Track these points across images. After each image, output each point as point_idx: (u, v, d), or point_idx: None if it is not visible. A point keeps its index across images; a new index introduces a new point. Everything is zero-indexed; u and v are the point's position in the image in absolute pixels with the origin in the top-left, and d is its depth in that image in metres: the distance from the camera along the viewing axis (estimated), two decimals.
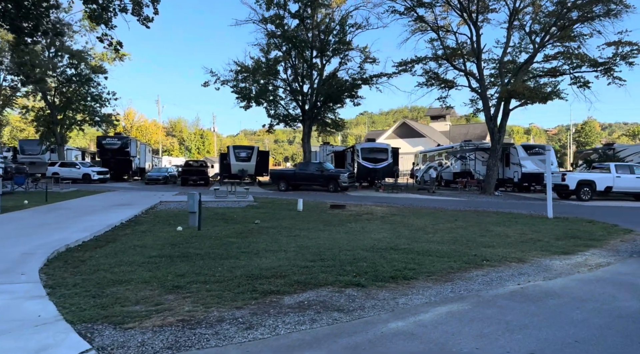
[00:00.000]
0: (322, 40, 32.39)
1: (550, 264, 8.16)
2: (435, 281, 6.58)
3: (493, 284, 6.58)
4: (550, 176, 16.34)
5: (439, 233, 11.63)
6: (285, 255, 8.07)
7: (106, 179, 36.82)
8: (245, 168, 35.10)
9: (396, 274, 6.73)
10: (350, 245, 9.25)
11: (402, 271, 6.99)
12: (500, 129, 28.36)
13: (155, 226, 12.13)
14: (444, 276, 6.89)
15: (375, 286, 6.16)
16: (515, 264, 8.03)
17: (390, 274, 6.74)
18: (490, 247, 9.62)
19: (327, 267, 7.10)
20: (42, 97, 40.24)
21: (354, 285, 6.12)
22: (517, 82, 25.70)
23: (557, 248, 9.66)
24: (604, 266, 8.18)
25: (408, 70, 29.32)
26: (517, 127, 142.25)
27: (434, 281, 6.62)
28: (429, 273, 7.03)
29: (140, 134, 69.31)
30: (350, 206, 18.83)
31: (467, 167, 34.62)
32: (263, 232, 11.15)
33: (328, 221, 13.83)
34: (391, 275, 6.67)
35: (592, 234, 11.98)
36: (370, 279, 6.46)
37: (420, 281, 6.55)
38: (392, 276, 6.62)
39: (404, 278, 6.59)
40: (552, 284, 6.63)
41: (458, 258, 8.18)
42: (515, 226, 13.32)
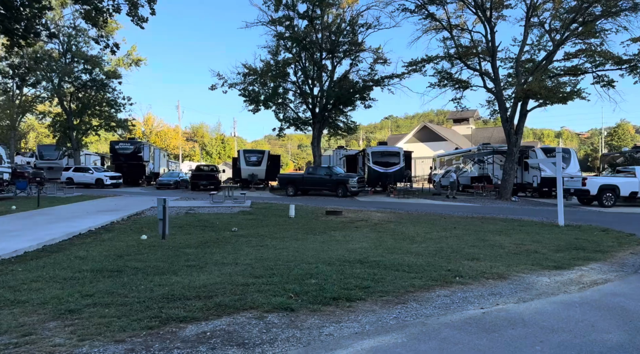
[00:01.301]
0: (332, 41, 31.50)
1: (534, 281, 7.07)
2: (384, 304, 5.61)
3: (451, 307, 5.57)
4: (561, 180, 15.05)
5: (426, 243, 10.59)
6: (232, 269, 7.19)
7: (119, 184, 36.62)
8: (256, 172, 34.43)
9: (342, 295, 5.77)
10: (316, 257, 8.32)
11: (352, 290, 6.03)
12: (517, 131, 26.94)
13: (122, 234, 11.43)
14: (398, 297, 5.91)
15: (308, 310, 5.22)
16: (492, 281, 6.97)
17: (335, 294, 5.79)
18: (474, 260, 8.55)
19: (267, 285, 6.20)
20: (59, 102, 40.53)
21: (282, 309, 5.19)
22: (534, 82, 24.27)
23: (551, 262, 8.52)
24: (599, 284, 7.06)
25: (418, 70, 28.15)
26: (547, 130, 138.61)
27: (383, 303, 5.64)
28: (383, 292, 6.06)
29: (159, 140, 69.66)
30: (348, 213, 17.85)
31: (485, 171, 33.16)
32: (231, 241, 10.32)
33: (313, 228, 12.92)
34: (335, 296, 5.71)
35: (600, 244, 10.75)
36: (308, 300, 5.52)
37: (367, 303, 5.58)
38: (336, 297, 5.67)
39: (347, 300, 5.63)
40: (524, 309, 5.57)
41: (427, 274, 7.17)
42: (516, 235, 12.15)
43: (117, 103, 41.92)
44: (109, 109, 41.76)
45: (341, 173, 29.41)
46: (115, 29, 41.90)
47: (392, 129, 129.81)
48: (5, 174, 27.08)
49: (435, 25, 28.42)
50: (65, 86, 39.95)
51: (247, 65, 31.24)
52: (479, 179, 32.97)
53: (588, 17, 25.41)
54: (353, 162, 35.35)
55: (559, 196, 14.88)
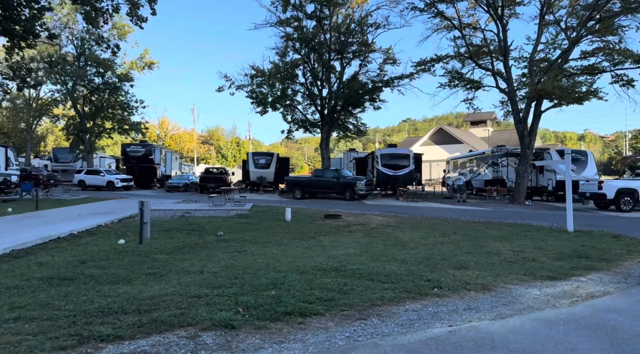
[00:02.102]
0: (341, 42, 30.94)
1: (521, 294, 6.41)
2: (342, 319, 5.02)
3: (416, 324, 4.95)
4: (570, 184, 14.23)
5: (418, 249, 9.95)
6: (193, 278, 6.67)
7: (130, 186, 36.58)
8: (264, 175, 34.02)
9: (298, 309, 5.19)
10: (290, 265, 7.76)
11: (312, 303, 5.45)
12: (531, 132, 25.97)
13: (103, 237, 11.05)
14: (361, 311, 5.31)
15: (252, 327, 4.65)
16: (473, 293, 6.33)
17: (291, 307, 5.21)
18: (462, 268, 7.90)
19: (221, 296, 5.65)
20: (72, 105, 40.78)
21: (222, 326, 4.62)
22: (547, 81, 23.34)
23: (547, 271, 7.82)
24: (595, 298, 6.37)
25: (427, 70, 27.39)
26: (570, 133, 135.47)
27: (341, 318, 5.05)
28: (347, 305, 5.47)
29: (174, 143, 69.90)
30: (349, 216, 17.25)
31: (500, 174, 32.18)
32: (211, 246, 9.82)
33: (303, 233, 12.37)
34: (289, 310, 5.13)
35: (607, 252, 9.98)
36: (257, 316, 4.95)
37: (323, 319, 5.00)
38: (290, 312, 5.09)
39: (302, 315, 5.05)
40: (498, 327, 4.94)
41: (403, 284, 6.56)
42: (518, 241, 11.43)
43: (129, 106, 42.06)
44: (121, 112, 41.94)
45: (349, 176, 28.78)
46: (128, 32, 42.10)
47: (409, 132, 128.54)
48: (14, 177, 27.21)
49: (447, 24, 27.64)
50: (79, 89, 40.21)
51: (254, 66, 30.89)
52: (493, 182, 32.03)
53: (605, 14, 24.40)
54: (363, 165, 34.70)
55: (568, 200, 14.09)
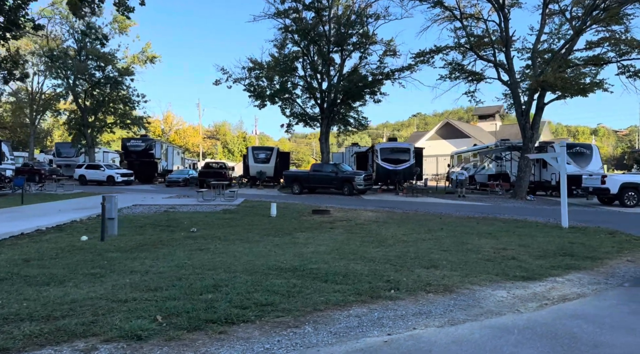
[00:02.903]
0: (341, 34, 30.30)
1: (485, 296, 5.89)
2: (272, 327, 4.55)
3: (353, 333, 4.47)
4: (565, 177, 13.59)
5: (394, 247, 9.44)
6: (133, 279, 6.21)
7: (131, 181, 36.34)
8: (264, 170, 33.56)
9: (226, 316, 4.70)
10: (248, 264, 7.30)
11: (246, 309, 4.98)
12: (533, 125, 25.23)
13: (70, 234, 10.67)
14: (298, 317, 4.84)
15: (164, 338, 4.17)
16: (432, 295, 5.83)
17: (219, 314, 4.72)
18: (431, 268, 7.39)
19: (149, 301, 5.18)
20: (74, 99, 40.64)
21: (129, 337, 4.14)
22: (549, 72, 22.58)
23: (523, 271, 7.28)
24: (567, 300, 5.85)
25: (426, 61, 26.69)
26: (582, 127, 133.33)
27: (271, 326, 4.58)
28: (285, 311, 4.99)
29: (179, 137, 69.75)
30: (338, 211, 16.76)
31: (503, 168, 31.46)
32: (175, 243, 9.39)
33: (281, 229, 11.89)
34: (215, 317, 4.62)
35: (596, 250, 9.41)
36: (176, 324, 4.46)
37: (250, 328, 4.52)
38: (216, 319, 4.60)
39: (228, 322, 4.57)
40: (442, 336, 4.44)
41: (359, 285, 6.08)
42: (505, 238, 10.88)
43: (131, 100, 41.82)
44: (123, 107, 41.72)
45: (347, 170, 28.21)
46: (129, 25, 41.85)
47: (419, 127, 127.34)
48: (8, 171, 27.08)
49: (448, 15, 26.89)
50: (80, 84, 40.02)
51: (252, 59, 30.38)
52: (497, 177, 31.33)
53: (611, 2, 23.54)
54: (364, 159, 34.07)
55: (563, 195, 13.46)
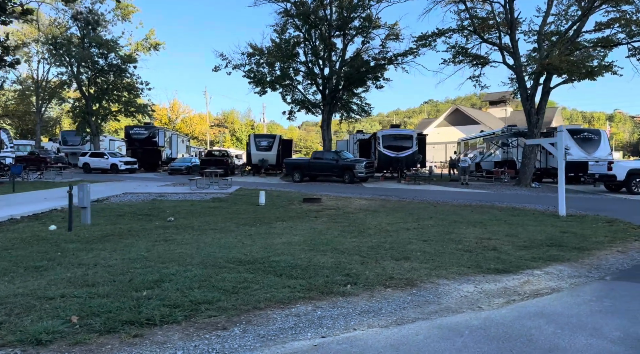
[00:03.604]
0: (343, 17, 29.58)
1: (449, 291, 5.47)
2: (198, 329, 4.15)
3: (283, 335, 4.07)
4: (563, 163, 13.02)
5: (372, 237, 9.01)
6: (74, 273, 5.83)
7: (134, 169, 36.21)
8: (266, 158, 33.19)
9: (149, 316, 4.30)
10: (207, 256, 6.89)
11: (178, 307, 4.58)
12: (538, 110, 24.46)
13: (40, 223, 10.36)
14: (233, 317, 4.45)
15: (69, 342, 3.75)
16: (389, 291, 5.41)
17: (142, 315, 4.29)
18: (402, 259, 6.95)
19: (74, 298, 4.77)
20: (77, 87, 40.48)
21: (29, 342, 3.73)
22: (555, 55, 21.77)
23: (500, 263, 6.83)
24: (539, 296, 5.41)
25: (428, 45, 25.92)
26: (598, 113, 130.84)
27: (198, 328, 4.19)
28: (220, 310, 4.59)
29: (185, 126, 69.57)
30: (330, 200, 16.36)
31: (510, 155, 30.73)
32: (143, 234, 9.05)
33: (262, 218, 11.52)
34: (135, 319, 4.18)
35: (587, 239, 8.90)
36: (90, 326, 4.06)
37: (174, 329, 4.13)
38: (135, 321, 4.19)
39: (149, 324, 4.18)
40: (383, 338, 4.03)
41: (314, 280, 5.68)
42: (495, 227, 10.40)
43: (135, 88, 41.53)
44: (127, 94, 41.45)
45: (348, 158, 27.71)
46: (132, 12, 41.45)
47: (430, 113, 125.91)
48: (8, 159, 27.05)
49: None
50: (84, 71, 39.81)
51: (252, 45, 29.82)
52: (503, 164, 30.61)
53: None
54: (367, 146, 33.50)
55: (560, 182, 12.91)
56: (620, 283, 5.96)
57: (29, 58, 47.46)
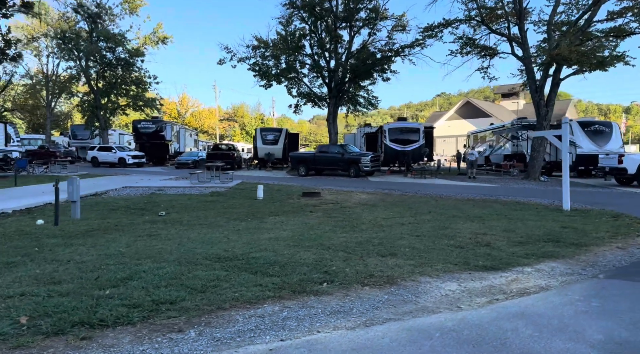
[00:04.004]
0: (350, 8, 29.15)
1: (429, 290, 5.21)
2: (151, 332, 3.92)
3: (239, 339, 3.83)
4: (567, 156, 12.65)
5: (364, 232, 8.76)
6: (44, 271, 5.61)
7: (142, 163, 36.28)
8: (272, 152, 32.97)
9: (101, 318, 4.08)
10: (186, 253, 6.69)
11: (138, 307, 4.35)
12: (548, 102, 23.93)
13: (30, 217, 10.26)
14: (194, 318, 4.24)
15: (9, 346, 3.52)
16: (367, 290, 5.17)
17: (97, 316, 4.06)
18: (388, 256, 6.70)
19: (33, 297, 4.58)
20: (86, 81, 40.62)
21: None
22: (564, 45, 21.21)
23: (490, 260, 6.55)
24: (525, 295, 5.14)
25: (434, 36, 25.44)
26: (614, 106, 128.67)
27: (152, 330, 3.96)
28: (183, 310, 4.36)
29: (194, 120, 69.61)
30: (330, 194, 16.12)
31: (520, 148, 30.19)
32: (129, 228, 8.89)
33: (256, 213, 11.32)
34: (87, 320, 3.95)
35: (587, 235, 8.57)
36: (38, 327, 3.79)
37: (127, 331, 3.90)
38: (87, 322, 3.95)
39: (102, 326, 3.93)
40: (346, 342, 3.79)
41: (289, 278, 5.45)
42: (494, 222, 10.09)
43: (143, 82, 41.57)
44: (135, 88, 41.49)
45: (354, 152, 27.38)
46: (139, 5, 41.44)
47: (443, 107, 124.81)
48: (15, 153, 27.18)
49: None
50: (93, 65, 39.90)
51: (258, 37, 29.55)
52: (513, 157, 30.10)
53: None
54: (374, 140, 33.10)
55: (564, 175, 12.52)
56: (613, 282, 5.64)
57: (38, 52, 47.80)
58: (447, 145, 55.96)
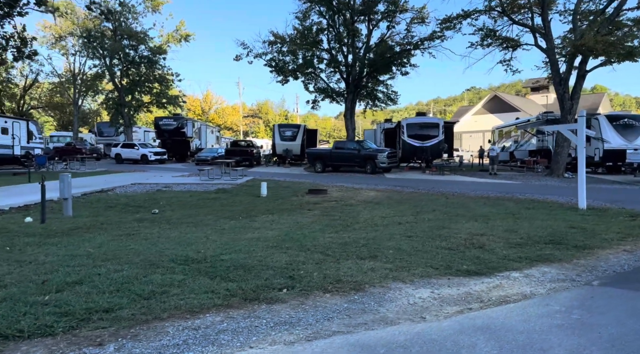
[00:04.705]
0: (368, 2, 28.53)
1: (399, 297, 4.80)
2: (70, 344, 3.61)
3: None
4: (583, 152, 11.89)
5: (355, 232, 8.36)
6: (21, 270, 5.52)
7: (164, 159, 36.52)
8: (290, 148, 32.70)
9: (20, 328, 3.76)
10: (154, 254, 6.36)
11: (69, 316, 4.06)
12: (573, 95, 22.89)
13: (23, 215, 10.20)
14: (121, 330, 3.91)
15: None
16: (328, 296, 4.78)
17: (18, 326, 3.78)
18: (367, 258, 6.29)
19: None
20: (110, 79, 41.17)
21: None
22: (589, 34, 20.20)
23: (478, 263, 6.07)
24: (503, 304, 4.71)
25: (452, 27, 24.65)
26: None
27: (71, 343, 3.65)
28: (116, 320, 4.03)
29: (217, 116, 69.95)
30: (338, 191, 15.73)
31: (545, 143, 29.06)
32: (112, 228, 8.67)
33: (249, 211, 11.04)
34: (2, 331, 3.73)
35: (595, 236, 7.97)
36: None
37: (44, 344, 3.60)
38: (1, 333, 3.71)
39: (17, 336, 3.64)
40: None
41: (248, 283, 5.10)
42: (499, 221, 9.54)
43: (166, 79, 41.88)
44: (158, 86, 41.84)
45: (370, 148, 26.84)
46: (161, 3, 41.71)
47: (472, 101, 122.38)
48: (37, 150, 27.67)
49: None
50: (117, 63, 40.40)
51: (274, 33, 29.23)
52: (538, 153, 29.02)
53: None
54: (393, 136, 32.40)
55: (580, 172, 11.78)
56: (606, 290, 5.10)
57: (66, 51, 48.72)
58: (474, 140, 54.68)
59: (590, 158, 25.20)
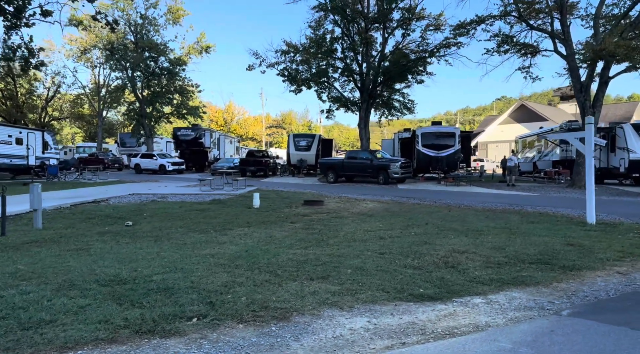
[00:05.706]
0: (383, 10, 27.99)
1: (325, 328, 4.17)
2: None
3: None
4: (592, 162, 10.98)
5: (326, 248, 7.74)
6: None
7: (182, 170, 36.59)
8: (305, 158, 32.19)
9: None
10: (82, 274, 5.79)
11: None
12: (594, 103, 21.72)
13: None
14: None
15: None
16: (241, 327, 4.17)
17: None
18: (320, 279, 5.69)
19: None
20: (131, 90, 41.71)
21: None
22: (609, 38, 19.11)
23: (439, 286, 5.39)
24: (448, 337, 4.07)
25: (466, 33, 23.78)
26: None
27: None
28: None
29: (240, 127, 70.21)
30: (336, 202, 15.10)
31: (569, 153, 27.74)
32: (68, 242, 8.22)
33: (228, 223, 10.50)
34: None
35: (591, 255, 7.18)
36: None
37: None
38: None
39: None
40: None
41: (157, 310, 4.53)
42: (490, 237, 8.77)
43: (187, 90, 42.22)
44: (179, 97, 42.21)
45: (383, 158, 26.10)
46: (182, 15, 42.18)
47: (502, 110, 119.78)
48: (52, 160, 27.95)
49: None
50: (139, 76, 40.92)
51: (287, 42, 28.92)
52: (562, 164, 27.73)
53: None
54: (409, 146, 31.50)
55: (589, 184, 10.89)
56: (573, 321, 4.34)
57: (91, 64, 49.77)
58: (499, 150, 53.15)
59: (615, 169, 23.90)
